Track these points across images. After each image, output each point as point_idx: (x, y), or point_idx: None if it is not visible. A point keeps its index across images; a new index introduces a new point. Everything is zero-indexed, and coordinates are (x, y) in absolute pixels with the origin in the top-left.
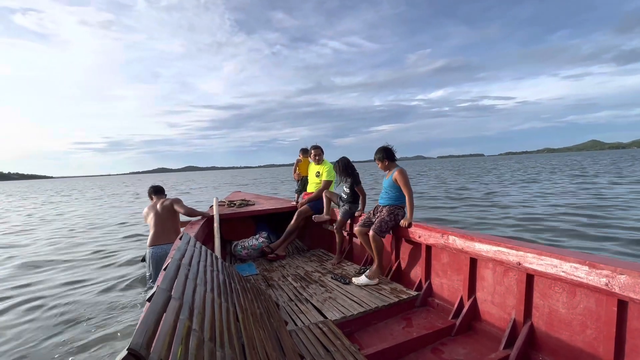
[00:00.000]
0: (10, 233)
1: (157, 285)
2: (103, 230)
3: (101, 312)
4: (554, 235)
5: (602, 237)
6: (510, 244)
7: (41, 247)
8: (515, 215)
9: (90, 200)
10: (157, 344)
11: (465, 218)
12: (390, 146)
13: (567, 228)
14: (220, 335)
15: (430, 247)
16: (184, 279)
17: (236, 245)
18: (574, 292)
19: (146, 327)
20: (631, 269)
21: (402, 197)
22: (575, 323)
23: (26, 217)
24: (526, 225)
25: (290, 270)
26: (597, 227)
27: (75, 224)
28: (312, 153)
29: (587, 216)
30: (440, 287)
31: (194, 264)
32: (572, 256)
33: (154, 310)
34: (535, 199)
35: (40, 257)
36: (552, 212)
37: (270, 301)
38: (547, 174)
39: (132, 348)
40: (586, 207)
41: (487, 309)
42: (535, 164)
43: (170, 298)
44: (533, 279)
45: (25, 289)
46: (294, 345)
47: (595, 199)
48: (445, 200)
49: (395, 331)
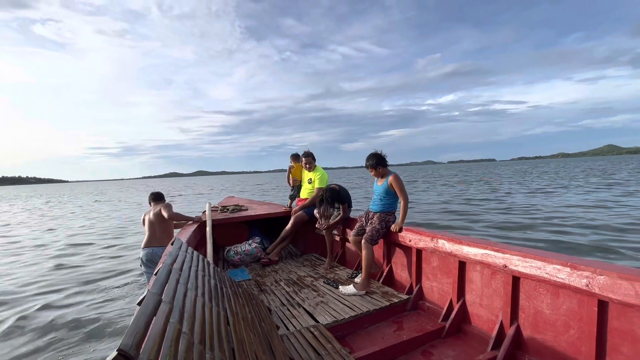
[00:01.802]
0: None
1: (147, 289)
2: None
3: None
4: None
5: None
6: (496, 247)
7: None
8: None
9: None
10: (147, 346)
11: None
12: (381, 152)
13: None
14: (210, 338)
15: (421, 250)
16: (175, 284)
17: (229, 251)
18: (557, 294)
19: (136, 329)
20: (610, 270)
21: (395, 204)
22: (559, 324)
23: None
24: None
25: (283, 275)
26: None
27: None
28: (303, 161)
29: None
30: (431, 290)
31: (185, 269)
32: (555, 258)
33: (144, 313)
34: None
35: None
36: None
37: (262, 306)
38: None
39: (122, 349)
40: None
41: (475, 311)
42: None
43: (160, 302)
44: (519, 281)
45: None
46: (285, 349)
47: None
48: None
49: (386, 334)
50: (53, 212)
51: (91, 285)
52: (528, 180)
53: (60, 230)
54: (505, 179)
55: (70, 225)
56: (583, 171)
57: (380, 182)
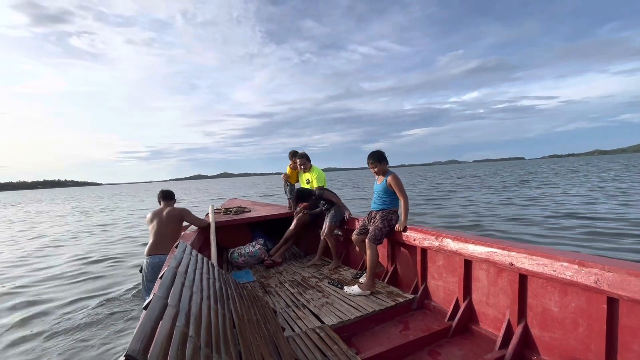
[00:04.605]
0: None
1: (153, 293)
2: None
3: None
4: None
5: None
6: (502, 245)
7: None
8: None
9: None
10: (154, 350)
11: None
12: (382, 151)
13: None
14: (216, 341)
15: (426, 250)
16: (180, 287)
17: (233, 253)
18: (565, 291)
19: (143, 334)
20: (619, 267)
21: (395, 201)
22: (567, 322)
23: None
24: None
25: (287, 276)
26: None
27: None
28: (298, 162)
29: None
30: (436, 289)
31: (190, 272)
32: (562, 255)
33: (150, 317)
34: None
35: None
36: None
37: (267, 307)
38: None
39: (129, 354)
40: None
41: (482, 310)
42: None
43: (166, 305)
44: (526, 279)
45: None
46: (291, 351)
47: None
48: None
49: (392, 334)
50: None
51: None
52: (592, 180)
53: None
54: (557, 178)
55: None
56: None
57: (380, 181)
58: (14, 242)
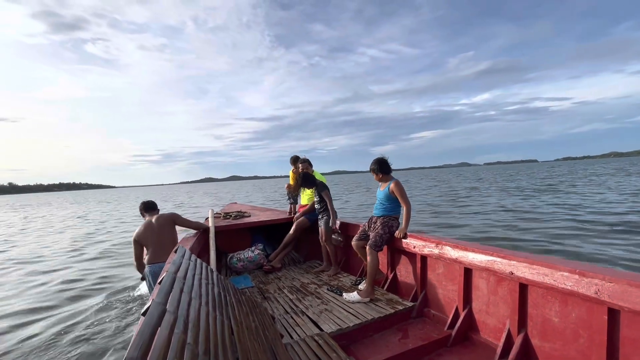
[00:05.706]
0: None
1: (152, 299)
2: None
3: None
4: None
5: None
6: (502, 254)
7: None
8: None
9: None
10: (152, 358)
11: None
12: (386, 158)
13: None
14: (214, 348)
15: (426, 257)
16: (179, 293)
17: (232, 258)
18: (565, 301)
19: (141, 341)
20: (620, 277)
21: (397, 208)
22: (567, 332)
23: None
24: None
25: (286, 282)
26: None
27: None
28: (300, 167)
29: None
30: (436, 297)
31: (189, 277)
32: (563, 265)
33: (149, 324)
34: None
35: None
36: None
37: (265, 314)
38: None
39: None
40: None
41: (482, 319)
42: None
43: (165, 312)
44: (526, 289)
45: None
46: (289, 358)
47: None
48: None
49: (391, 342)
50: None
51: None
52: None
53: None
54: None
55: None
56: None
57: (382, 187)
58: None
